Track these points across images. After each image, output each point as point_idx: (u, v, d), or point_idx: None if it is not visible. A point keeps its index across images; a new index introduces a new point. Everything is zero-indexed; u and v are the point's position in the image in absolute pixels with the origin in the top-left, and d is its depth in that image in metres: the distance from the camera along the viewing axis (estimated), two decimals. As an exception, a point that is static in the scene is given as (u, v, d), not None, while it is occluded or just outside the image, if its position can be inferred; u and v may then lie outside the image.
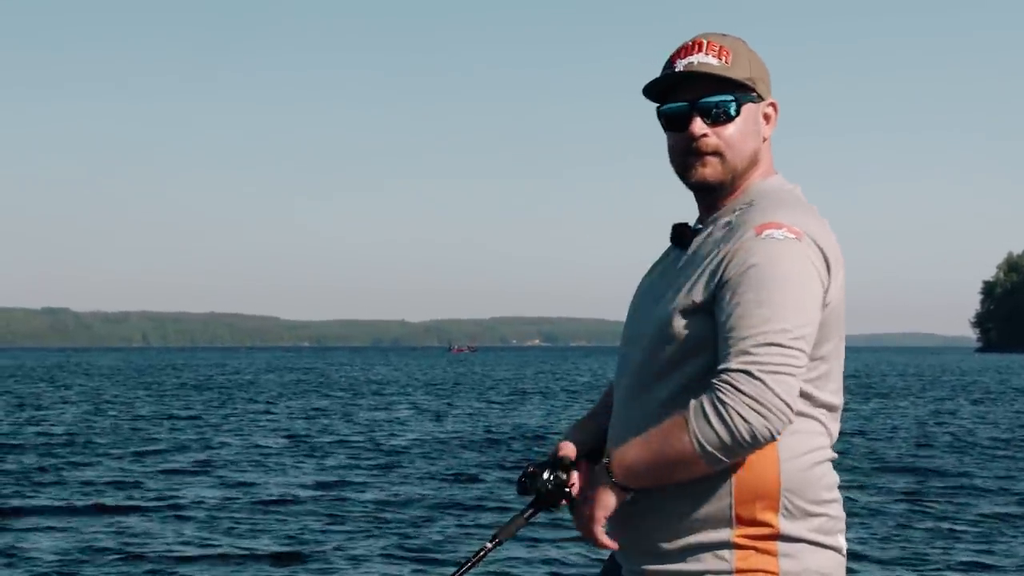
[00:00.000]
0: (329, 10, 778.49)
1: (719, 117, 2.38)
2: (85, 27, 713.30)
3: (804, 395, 2.30)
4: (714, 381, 2.20)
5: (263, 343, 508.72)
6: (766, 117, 2.46)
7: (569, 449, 2.52)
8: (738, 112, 2.39)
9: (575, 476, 2.47)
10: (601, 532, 2.32)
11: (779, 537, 2.31)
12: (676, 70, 2.40)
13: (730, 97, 2.39)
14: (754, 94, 2.42)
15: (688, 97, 2.40)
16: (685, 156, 2.42)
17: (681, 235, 2.47)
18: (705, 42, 2.41)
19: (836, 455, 2.40)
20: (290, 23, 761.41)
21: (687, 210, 2.51)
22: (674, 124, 2.42)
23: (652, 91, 2.46)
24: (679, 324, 2.31)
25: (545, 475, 2.43)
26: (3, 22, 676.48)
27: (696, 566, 2.33)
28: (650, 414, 2.33)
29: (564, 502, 2.45)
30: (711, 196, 2.45)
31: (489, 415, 27.71)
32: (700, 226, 2.46)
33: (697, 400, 2.21)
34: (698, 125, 2.39)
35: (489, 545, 2.45)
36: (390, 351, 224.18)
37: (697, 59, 2.39)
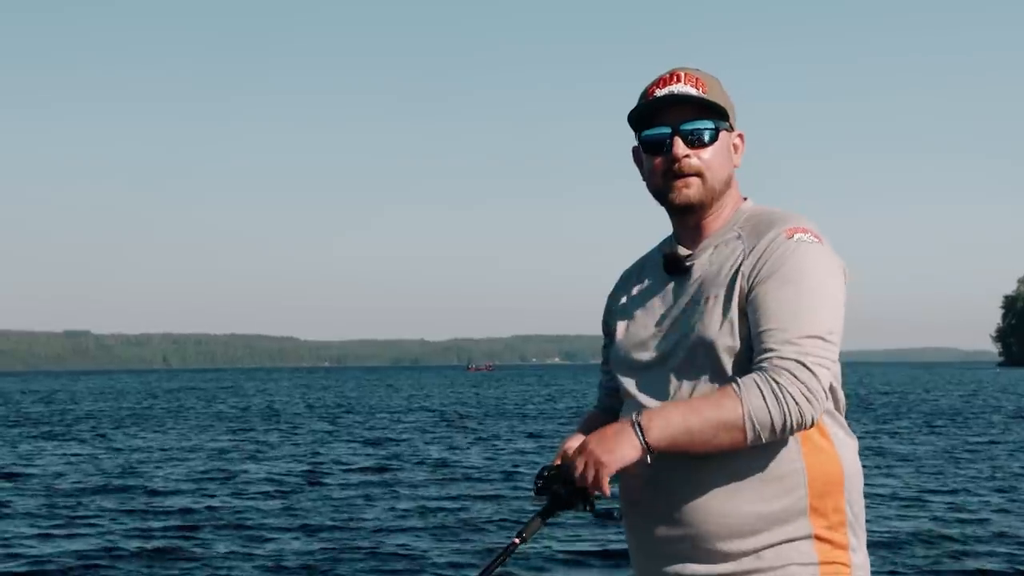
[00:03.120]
0: (359, 29, 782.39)
1: (698, 140, 2.53)
2: (107, 50, 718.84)
3: (835, 389, 2.47)
4: (766, 364, 2.32)
5: (283, 364, 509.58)
6: (735, 147, 2.62)
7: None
8: (715, 137, 2.54)
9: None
10: (607, 481, 2.36)
11: (847, 526, 2.44)
12: (656, 97, 2.55)
13: (709, 123, 2.54)
14: (727, 123, 2.58)
15: (669, 122, 2.54)
16: (667, 178, 2.55)
17: (676, 263, 2.58)
18: (682, 74, 2.57)
19: None
20: (320, 43, 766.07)
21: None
22: (655, 148, 2.55)
23: (632, 120, 2.60)
24: (729, 336, 2.42)
25: (560, 481, 2.47)
26: (22, 43, 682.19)
27: (775, 561, 2.38)
28: None
29: (580, 505, 2.48)
30: (692, 218, 2.58)
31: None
32: (691, 252, 2.57)
33: (748, 377, 2.32)
34: (680, 147, 2.52)
35: (517, 540, 2.50)
36: (409, 370, 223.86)
37: (676, 88, 2.54)
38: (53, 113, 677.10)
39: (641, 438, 2.32)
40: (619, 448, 2.33)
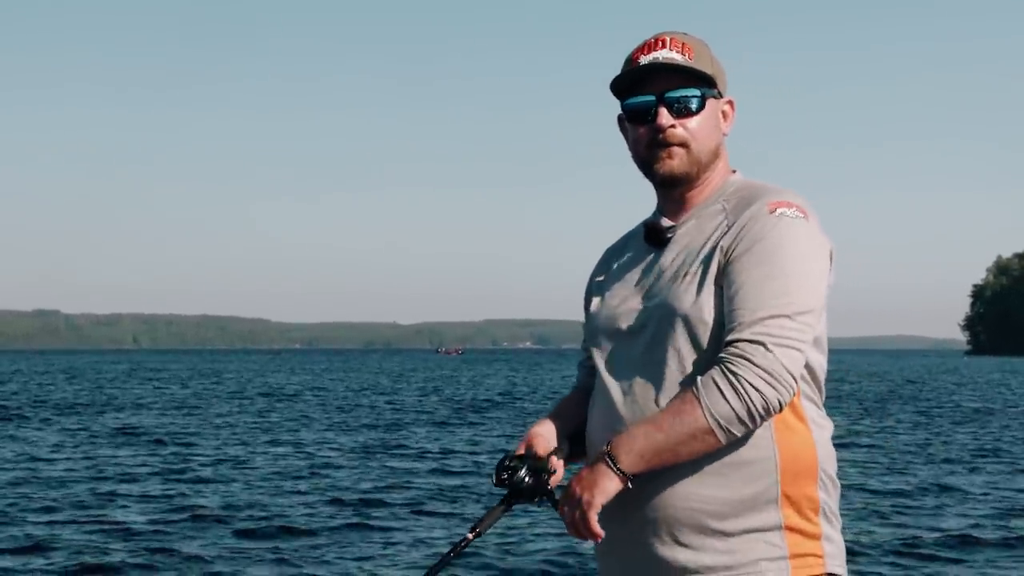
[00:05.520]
0: (338, 12, 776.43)
1: (684, 110, 2.43)
2: (77, 32, 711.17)
3: (814, 372, 2.38)
4: (724, 354, 2.24)
5: (254, 345, 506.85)
6: (724, 115, 2.52)
7: (542, 442, 2.51)
8: (702, 106, 2.45)
9: (554, 470, 2.46)
10: (596, 521, 2.28)
11: (820, 514, 2.35)
12: (640, 65, 2.46)
13: (695, 91, 2.44)
14: (715, 90, 2.48)
15: (654, 90, 2.44)
16: (651, 148, 2.45)
17: (657, 233, 2.50)
18: (668, 39, 2.47)
19: None
20: (294, 26, 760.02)
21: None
22: (639, 117, 2.46)
23: (616, 88, 2.51)
24: (703, 310, 2.33)
25: (523, 470, 2.41)
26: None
27: (744, 556, 2.30)
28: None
29: (543, 497, 2.42)
30: (677, 190, 2.49)
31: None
32: (673, 224, 2.48)
33: (706, 375, 2.24)
34: (664, 116, 2.43)
35: (470, 536, 2.42)
36: (380, 353, 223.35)
37: (662, 54, 2.44)
38: (23, 98, 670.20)
39: (615, 468, 2.26)
40: (598, 484, 2.26)
